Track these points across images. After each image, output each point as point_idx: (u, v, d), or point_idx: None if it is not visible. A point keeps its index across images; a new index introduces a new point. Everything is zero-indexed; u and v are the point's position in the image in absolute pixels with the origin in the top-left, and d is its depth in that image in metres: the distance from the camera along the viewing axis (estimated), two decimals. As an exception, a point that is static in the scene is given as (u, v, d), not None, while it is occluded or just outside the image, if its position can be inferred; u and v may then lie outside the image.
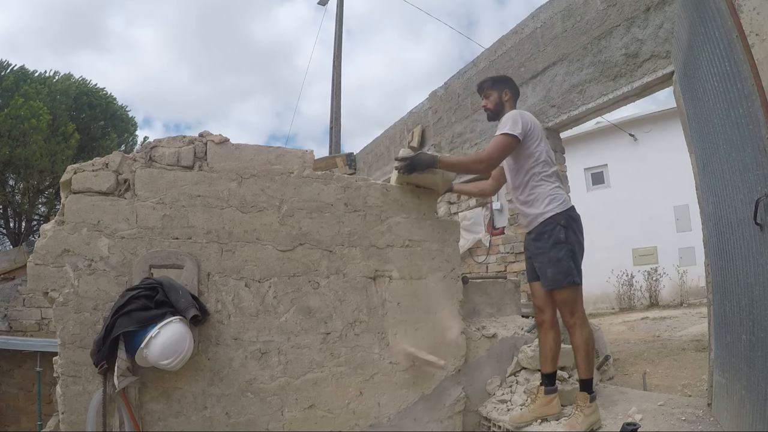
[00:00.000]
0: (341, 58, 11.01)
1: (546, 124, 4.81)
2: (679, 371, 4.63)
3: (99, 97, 15.14)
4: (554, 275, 2.49)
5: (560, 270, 2.48)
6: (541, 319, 2.68)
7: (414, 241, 2.87)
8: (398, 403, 2.71)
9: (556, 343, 2.66)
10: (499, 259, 5.57)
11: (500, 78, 2.94)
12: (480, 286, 3.44)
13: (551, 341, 2.63)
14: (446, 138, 6.59)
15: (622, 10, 4.01)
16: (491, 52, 5.75)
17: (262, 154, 2.60)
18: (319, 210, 2.66)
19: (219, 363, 2.39)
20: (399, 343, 2.73)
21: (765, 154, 1.57)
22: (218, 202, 2.49)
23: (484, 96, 2.85)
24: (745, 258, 1.84)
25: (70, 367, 2.17)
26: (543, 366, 2.66)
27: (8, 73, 12.80)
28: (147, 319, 2.07)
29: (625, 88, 3.94)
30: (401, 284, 2.80)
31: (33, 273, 2.19)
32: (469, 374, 2.95)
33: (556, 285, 2.51)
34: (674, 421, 2.44)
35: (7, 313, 6.78)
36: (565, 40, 4.61)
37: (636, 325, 8.20)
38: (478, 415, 2.90)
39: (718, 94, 1.96)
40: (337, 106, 10.87)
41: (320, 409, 2.55)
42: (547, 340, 2.64)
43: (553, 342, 2.64)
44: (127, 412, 2.13)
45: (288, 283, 2.56)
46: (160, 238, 2.37)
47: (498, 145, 2.57)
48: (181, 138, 2.51)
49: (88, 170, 2.32)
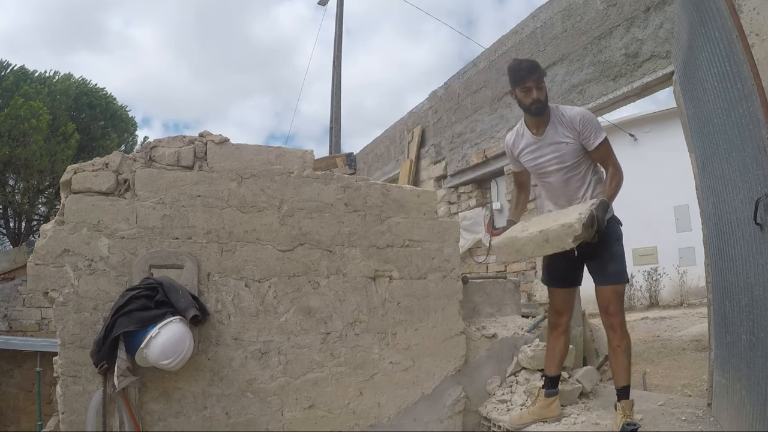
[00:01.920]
0: (341, 58, 11.02)
1: (546, 124, 4.81)
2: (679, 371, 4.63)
3: (99, 97, 15.16)
4: (617, 270, 2.43)
5: (622, 266, 2.44)
6: (558, 321, 2.62)
7: (414, 241, 2.86)
8: (398, 403, 2.71)
9: (565, 347, 2.65)
10: (499, 259, 5.56)
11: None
12: (480, 286, 3.44)
13: (562, 345, 2.61)
14: (446, 138, 6.59)
15: (622, 10, 4.01)
16: (491, 52, 5.75)
17: (262, 154, 2.60)
18: (319, 210, 2.66)
19: (219, 363, 2.39)
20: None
21: (765, 154, 1.57)
22: (218, 202, 2.49)
23: (537, 87, 2.40)
24: (745, 258, 1.84)
25: (70, 367, 2.17)
26: (548, 368, 2.65)
27: (8, 73, 12.81)
28: (147, 319, 2.07)
29: (625, 88, 3.94)
30: (401, 284, 2.80)
31: (33, 273, 2.19)
32: (469, 374, 2.95)
33: (618, 279, 2.43)
34: (674, 421, 2.44)
35: (7, 313, 6.79)
36: (565, 40, 4.61)
37: (636, 325, 8.21)
38: (478, 415, 2.90)
39: (718, 94, 1.96)
40: (337, 106, 10.88)
41: (320, 409, 2.55)
42: (558, 344, 2.61)
43: (563, 346, 2.62)
44: (127, 412, 2.13)
45: (288, 283, 2.56)
46: (160, 238, 2.37)
47: (613, 151, 2.47)
48: (181, 138, 2.51)
49: (88, 170, 2.32)
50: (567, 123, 2.46)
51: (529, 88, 2.39)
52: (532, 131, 2.56)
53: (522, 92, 2.43)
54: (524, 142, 2.59)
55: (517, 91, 2.45)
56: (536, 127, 2.53)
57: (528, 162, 2.61)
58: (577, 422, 2.56)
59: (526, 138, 2.59)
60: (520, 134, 2.62)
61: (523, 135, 2.61)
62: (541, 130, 2.52)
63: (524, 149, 2.59)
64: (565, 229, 2.17)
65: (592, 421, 2.55)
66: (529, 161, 2.60)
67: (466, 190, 6.44)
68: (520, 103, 2.48)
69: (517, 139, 2.64)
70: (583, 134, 2.43)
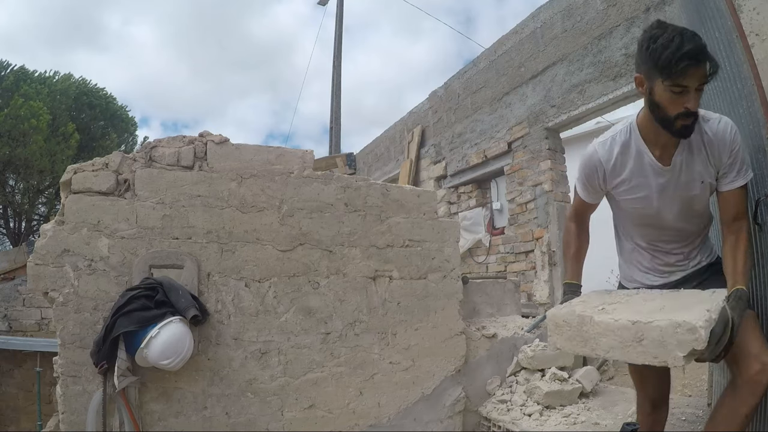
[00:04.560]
0: (341, 58, 11.02)
1: (546, 124, 4.81)
2: (679, 371, 4.62)
3: (99, 97, 15.17)
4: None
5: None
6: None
7: (414, 241, 2.87)
8: (398, 403, 2.71)
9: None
10: (499, 259, 5.57)
11: None
12: (480, 286, 3.44)
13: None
14: (446, 138, 6.59)
15: (622, 10, 4.01)
16: (491, 52, 5.75)
17: (262, 154, 2.60)
18: (319, 210, 2.66)
19: (219, 363, 2.39)
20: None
21: (765, 154, 1.57)
22: (218, 202, 2.49)
23: (698, 89, 1.42)
24: (745, 258, 1.83)
25: (70, 367, 2.17)
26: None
27: (8, 73, 12.81)
28: (147, 319, 2.07)
29: (625, 88, 3.95)
30: (401, 284, 2.80)
31: (33, 273, 2.19)
32: (469, 374, 2.95)
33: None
34: (674, 421, 2.44)
35: (7, 313, 6.78)
36: (565, 40, 4.61)
37: (636, 325, 8.17)
38: (478, 415, 2.90)
39: (718, 94, 1.96)
40: (337, 106, 10.88)
41: (320, 409, 2.55)
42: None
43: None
44: (127, 412, 2.13)
45: (288, 283, 2.56)
46: (160, 238, 2.37)
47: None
48: (181, 138, 2.51)
49: (88, 170, 2.32)
50: (712, 146, 1.51)
51: (686, 88, 1.39)
52: (654, 153, 1.57)
53: (671, 91, 1.40)
54: (634, 170, 1.61)
55: (661, 84, 1.41)
56: (662, 147, 1.56)
57: (631, 202, 1.66)
58: (577, 422, 2.56)
59: (639, 162, 1.60)
60: (630, 152, 1.61)
61: (634, 155, 1.60)
62: (668, 156, 1.55)
63: (631, 180, 1.62)
64: (679, 333, 1.26)
65: (592, 421, 2.55)
66: (635, 201, 1.65)
67: (466, 190, 6.45)
68: (658, 107, 1.46)
69: (622, 158, 1.62)
70: (727, 165, 1.52)
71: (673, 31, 1.39)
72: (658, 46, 1.39)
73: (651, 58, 1.41)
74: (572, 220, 1.85)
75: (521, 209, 5.15)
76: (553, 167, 4.81)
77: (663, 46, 1.38)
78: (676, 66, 1.36)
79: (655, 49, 1.40)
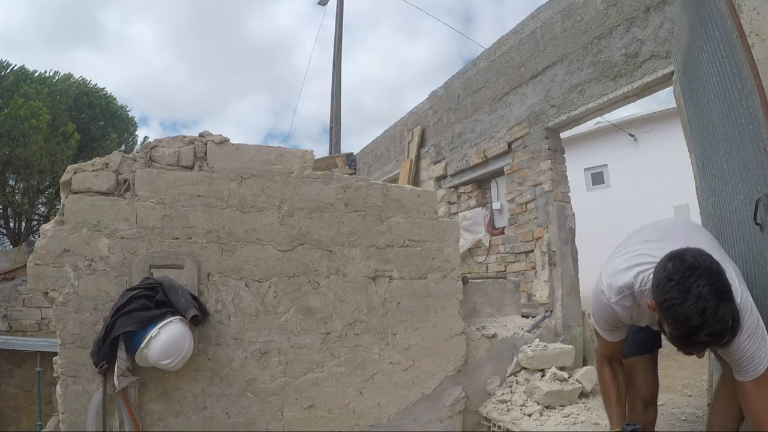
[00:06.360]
0: (341, 58, 11.02)
1: (546, 124, 4.81)
2: (679, 371, 4.62)
3: (99, 97, 15.16)
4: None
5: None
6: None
7: (414, 241, 2.86)
8: (398, 403, 2.70)
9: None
10: (499, 259, 5.57)
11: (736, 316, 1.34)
12: (480, 286, 3.44)
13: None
14: (446, 138, 6.59)
15: (622, 10, 4.01)
16: (491, 52, 5.75)
17: (262, 154, 2.60)
18: (319, 210, 2.66)
19: (219, 363, 2.39)
20: None
21: (765, 154, 1.57)
22: (218, 202, 2.49)
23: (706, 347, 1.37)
24: (745, 258, 1.84)
25: (70, 367, 2.17)
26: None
27: (8, 73, 12.79)
28: (147, 319, 2.07)
29: (625, 88, 3.94)
30: (401, 284, 2.80)
31: (33, 273, 2.19)
32: (469, 374, 2.94)
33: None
34: (674, 421, 2.44)
35: (7, 313, 6.78)
36: (565, 40, 4.61)
37: (636, 325, 8.17)
38: (478, 415, 2.90)
39: (718, 94, 1.96)
40: (337, 106, 10.88)
41: (320, 409, 2.55)
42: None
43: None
44: (127, 412, 2.13)
45: (288, 283, 2.56)
46: (160, 238, 2.37)
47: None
48: (181, 138, 2.51)
49: (88, 170, 2.32)
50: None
51: (697, 349, 1.35)
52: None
53: (682, 344, 1.34)
54: (643, 313, 1.64)
55: (671, 331, 1.33)
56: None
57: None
58: (577, 422, 2.56)
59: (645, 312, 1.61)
60: (639, 308, 1.63)
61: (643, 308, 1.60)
62: None
63: (640, 321, 1.70)
64: None
65: (592, 421, 2.55)
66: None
67: (466, 190, 6.44)
68: (665, 333, 1.40)
69: (631, 310, 1.65)
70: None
71: (694, 306, 1.25)
72: (675, 315, 1.28)
73: (666, 317, 1.32)
74: (604, 366, 1.82)
75: (521, 209, 5.14)
76: (553, 167, 4.80)
77: (680, 323, 1.27)
78: (688, 348, 1.31)
79: (671, 316, 1.29)
